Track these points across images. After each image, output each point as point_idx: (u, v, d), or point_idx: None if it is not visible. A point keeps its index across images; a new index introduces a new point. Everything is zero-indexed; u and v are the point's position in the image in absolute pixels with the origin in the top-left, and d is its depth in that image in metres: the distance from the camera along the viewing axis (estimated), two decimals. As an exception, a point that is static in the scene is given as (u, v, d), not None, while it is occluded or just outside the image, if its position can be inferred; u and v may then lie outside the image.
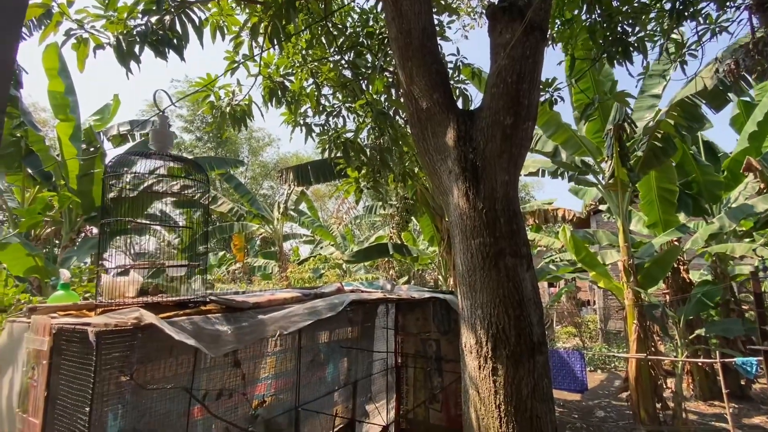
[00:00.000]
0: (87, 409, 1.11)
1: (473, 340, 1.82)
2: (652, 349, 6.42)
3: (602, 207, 9.93)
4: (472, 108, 3.35)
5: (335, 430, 3.00)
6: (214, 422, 2.19)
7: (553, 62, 17.14)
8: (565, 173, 8.22)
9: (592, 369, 11.78)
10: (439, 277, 9.46)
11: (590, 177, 7.88)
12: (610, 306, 15.00)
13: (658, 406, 6.31)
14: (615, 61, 3.11)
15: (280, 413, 2.62)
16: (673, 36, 3.35)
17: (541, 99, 3.62)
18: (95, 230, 8.87)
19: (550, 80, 3.79)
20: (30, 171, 7.38)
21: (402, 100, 3.62)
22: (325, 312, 2.23)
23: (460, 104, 4.12)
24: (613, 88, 6.48)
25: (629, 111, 6.32)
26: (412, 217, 9.43)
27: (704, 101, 5.90)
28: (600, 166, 7.57)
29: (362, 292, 3.13)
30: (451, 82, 4.11)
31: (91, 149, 6.98)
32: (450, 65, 4.13)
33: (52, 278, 5.96)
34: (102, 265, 1.57)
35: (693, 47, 3.15)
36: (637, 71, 6.14)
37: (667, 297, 8.28)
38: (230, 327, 1.48)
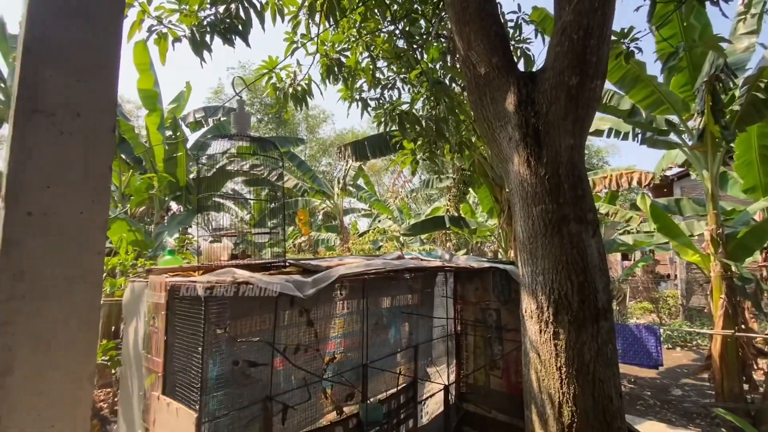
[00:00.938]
0: (200, 349, 1.36)
1: (534, 305, 1.84)
2: (742, 326, 5.84)
3: (692, 173, 8.90)
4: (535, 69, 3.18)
5: (399, 387, 3.23)
6: (293, 373, 2.48)
7: (630, 7, 15.16)
8: (640, 135, 7.46)
9: (670, 346, 11.03)
10: (499, 249, 9.27)
11: (673, 137, 7.08)
12: (694, 280, 13.70)
13: (746, 387, 5.79)
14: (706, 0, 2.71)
15: (349, 369, 2.87)
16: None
17: (614, 52, 3.32)
18: (174, 206, 9.94)
19: (625, 30, 3.44)
20: (123, 157, 8.40)
21: (459, 66, 3.53)
22: (383, 265, 2.35)
23: (521, 66, 3.92)
24: (704, 33, 5.63)
25: (724, 60, 5.48)
26: (470, 189, 9.25)
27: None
28: (686, 124, 6.76)
29: (422, 260, 3.24)
30: (512, 42, 3.91)
31: (173, 135, 7.73)
32: (510, 23, 3.91)
33: (149, 250, 6.86)
34: (202, 233, 1.82)
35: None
36: (732, 11, 5.28)
37: (765, 271, 7.37)
38: (308, 278, 1.67)
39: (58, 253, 1.37)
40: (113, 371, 3.73)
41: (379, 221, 14.78)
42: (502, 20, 3.37)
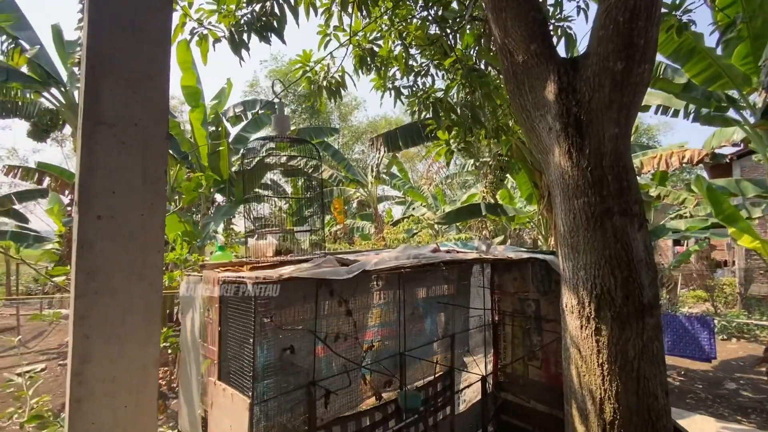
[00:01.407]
0: (251, 339, 1.47)
1: (575, 300, 1.80)
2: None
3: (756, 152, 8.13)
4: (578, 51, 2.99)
5: (436, 375, 3.28)
6: (334, 360, 2.59)
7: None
8: (693, 111, 6.89)
9: (725, 337, 10.38)
10: (539, 236, 9.00)
11: (732, 113, 6.49)
12: (754, 267, 12.69)
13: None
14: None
15: (387, 357, 2.96)
16: None
17: (665, 25, 3.08)
18: (219, 198, 10.43)
19: (677, 1, 3.18)
20: (171, 152, 8.89)
21: (494, 50, 3.42)
22: (416, 259, 2.39)
23: (562, 47, 3.72)
24: (766, 3, 5.06)
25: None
26: (507, 175, 8.98)
27: None
28: (747, 99, 6.17)
29: (457, 252, 3.23)
30: (552, 21, 3.72)
31: (216, 130, 8.08)
32: (550, 1, 3.71)
33: (198, 240, 7.30)
34: (250, 232, 1.94)
35: None
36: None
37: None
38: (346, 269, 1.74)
39: (123, 252, 1.51)
40: (169, 352, 4.07)
41: (414, 208, 14.76)
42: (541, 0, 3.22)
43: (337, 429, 2.49)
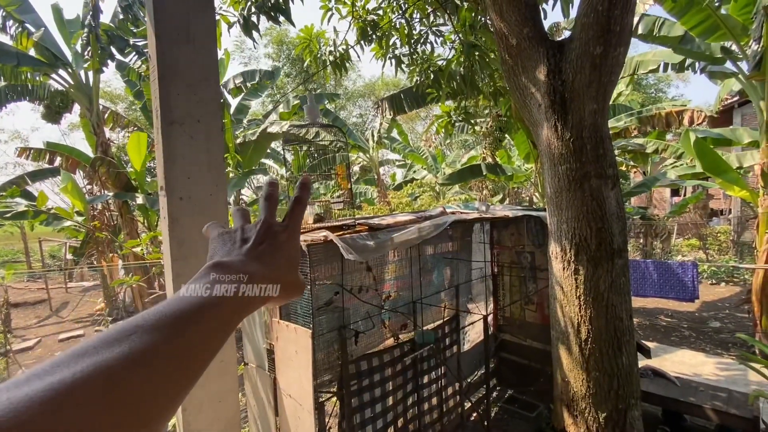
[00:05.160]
0: (308, 286, 1.89)
1: (558, 248, 2.21)
2: (786, 260, 5.86)
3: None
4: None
5: (444, 319, 3.79)
6: (359, 308, 3.08)
7: None
8: (698, 65, 6.98)
9: (714, 281, 11.01)
10: (535, 194, 9.38)
11: (729, 65, 6.61)
12: (750, 216, 13.14)
13: (783, 317, 5.94)
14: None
15: (402, 305, 3.45)
16: None
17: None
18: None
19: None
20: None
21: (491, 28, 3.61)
22: (433, 231, 2.81)
23: (558, 10, 3.87)
24: None
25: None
26: (506, 135, 9.20)
27: None
28: (744, 51, 6.28)
29: (461, 213, 3.63)
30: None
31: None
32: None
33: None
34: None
35: None
36: None
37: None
38: (371, 241, 2.14)
39: (199, 225, 1.91)
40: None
41: (414, 171, 15.02)
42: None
43: (364, 363, 3.01)
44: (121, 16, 6.41)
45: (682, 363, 4.71)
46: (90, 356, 0.26)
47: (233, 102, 10.02)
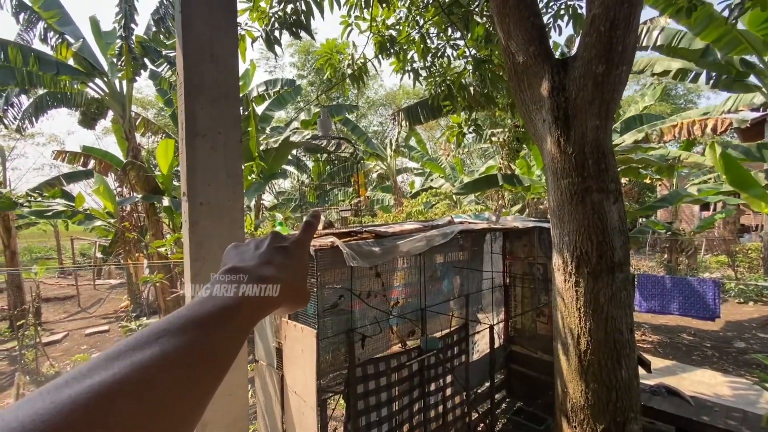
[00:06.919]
0: (315, 289, 2.00)
1: (561, 260, 2.26)
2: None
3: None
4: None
5: (452, 328, 3.84)
6: (367, 312, 3.17)
7: None
8: (714, 77, 6.85)
9: (742, 300, 10.55)
10: (553, 204, 9.25)
11: (753, 79, 6.47)
12: (781, 232, 12.56)
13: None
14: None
15: (410, 311, 3.53)
16: None
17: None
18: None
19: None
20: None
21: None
22: (438, 240, 2.89)
23: (571, 27, 3.93)
24: None
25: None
26: (524, 146, 9.18)
27: None
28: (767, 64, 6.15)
29: (470, 223, 3.69)
30: (563, 0, 3.93)
31: (246, 111, 8.57)
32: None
33: (257, 219, 7.98)
34: (307, 210, 2.44)
35: None
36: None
37: None
38: (377, 248, 2.24)
39: (218, 228, 2.08)
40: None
41: (432, 180, 15.08)
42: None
43: (371, 367, 3.09)
44: (154, 29, 6.82)
45: (700, 383, 4.59)
46: (124, 359, 0.27)
47: (258, 110, 10.39)
